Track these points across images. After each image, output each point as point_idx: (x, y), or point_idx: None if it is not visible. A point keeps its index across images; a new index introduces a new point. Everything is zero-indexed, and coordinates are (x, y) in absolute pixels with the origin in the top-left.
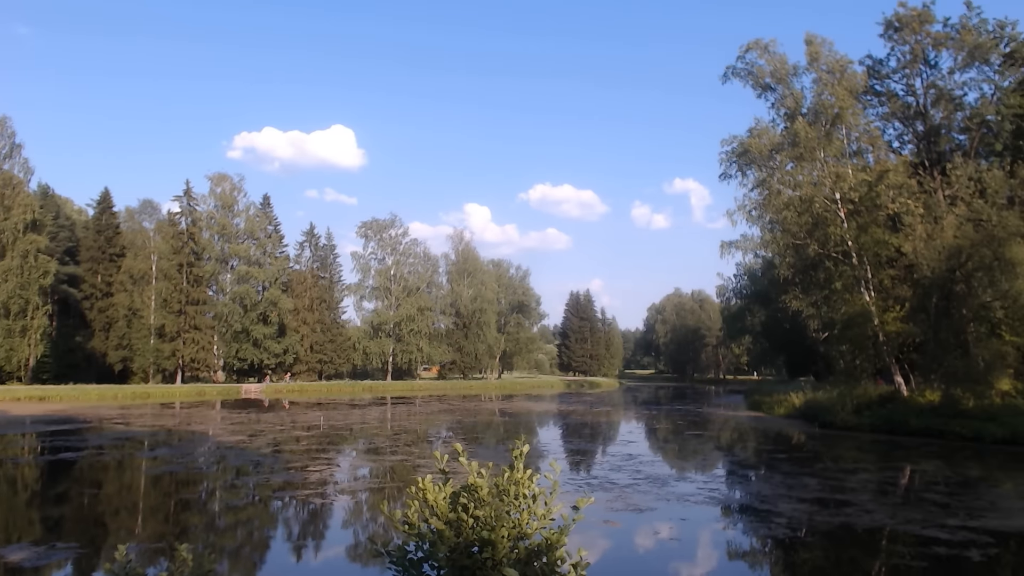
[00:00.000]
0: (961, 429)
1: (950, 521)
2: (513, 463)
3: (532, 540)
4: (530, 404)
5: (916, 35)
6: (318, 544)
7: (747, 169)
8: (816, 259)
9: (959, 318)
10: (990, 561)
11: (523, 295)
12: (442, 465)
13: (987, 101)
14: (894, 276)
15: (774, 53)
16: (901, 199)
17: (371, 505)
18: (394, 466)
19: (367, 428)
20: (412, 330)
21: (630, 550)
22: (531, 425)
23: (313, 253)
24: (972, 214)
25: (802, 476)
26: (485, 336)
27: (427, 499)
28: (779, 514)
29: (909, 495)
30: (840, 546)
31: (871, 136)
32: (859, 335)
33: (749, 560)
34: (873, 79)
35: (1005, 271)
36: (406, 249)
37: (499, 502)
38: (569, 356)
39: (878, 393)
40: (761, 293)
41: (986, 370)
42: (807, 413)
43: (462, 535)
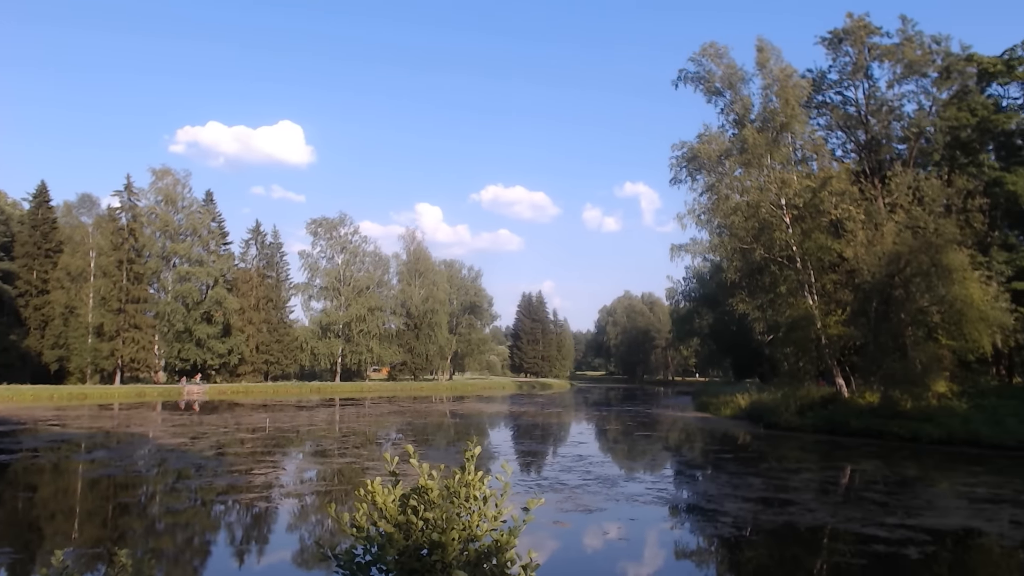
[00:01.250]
0: (899, 430)
1: (889, 520)
2: (464, 465)
3: (482, 542)
4: (481, 405)
5: (857, 47)
6: (262, 549)
7: (697, 174)
8: (762, 263)
9: (898, 322)
10: (927, 559)
11: (475, 296)
12: (392, 467)
13: (924, 113)
14: (836, 281)
15: (726, 59)
16: (843, 206)
17: (318, 508)
18: (342, 469)
19: (314, 430)
20: (362, 331)
21: (579, 551)
22: (482, 427)
23: (259, 251)
24: (911, 221)
25: (747, 476)
26: (436, 337)
27: (376, 502)
28: (725, 513)
29: (850, 494)
30: (783, 544)
31: (815, 144)
32: (802, 338)
33: (696, 559)
34: (816, 90)
35: (941, 277)
36: (356, 248)
37: (449, 504)
38: (521, 357)
39: (820, 395)
40: (709, 296)
41: (923, 373)
42: (752, 414)
43: (411, 538)
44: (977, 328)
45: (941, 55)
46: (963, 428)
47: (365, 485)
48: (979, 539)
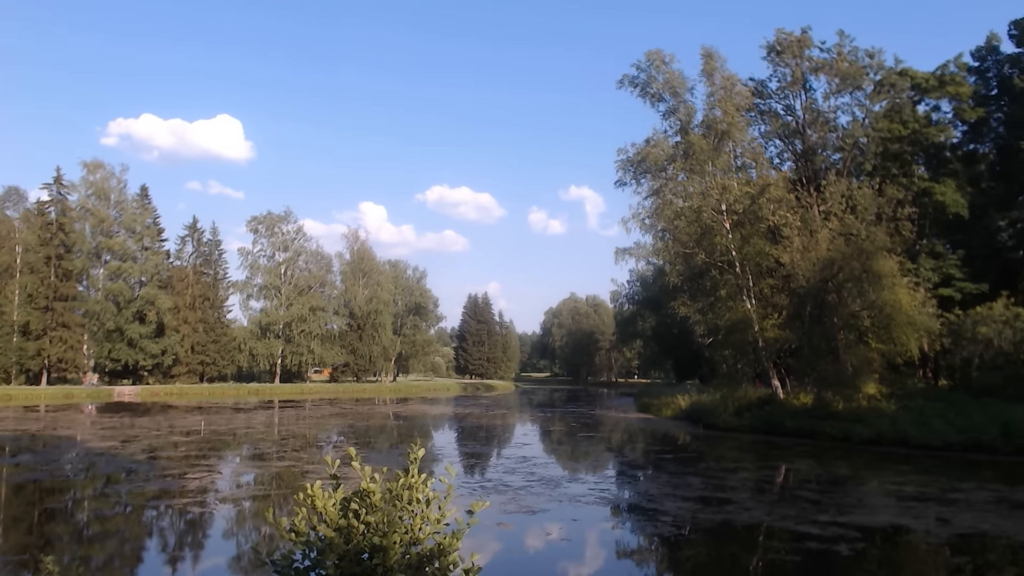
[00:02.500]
0: (832, 430)
1: (821, 517)
2: (408, 467)
3: (425, 545)
4: (425, 407)
5: (796, 59)
6: (197, 555)
7: (642, 178)
8: (703, 267)
9: (831, 326)
10: (857, 555)
11: (420, 297)
12: (333, 470)
13: (858, 124)
14: (773, 285)
15: (671, 66)
16: (780, 212)
17: (255, 513)
18: (281, 472)
19: (252, 433)
20: (303, 331)
21: (521, 552)
22: (426, 429)
23: (196, 248)
24: (844, 229)
25: (687, 475)
26: (380, 338)
27: (316, 505)
28: (665, 513)
29: (784, 493)
30: (721, 543)
31: (755, 152)
32: (741, 341)
33: (636, 558)
34: (756, 99)
35: (872, 283)
36: (299, 247)
37: (392, 507)
38: (466, 359)
39: (757, 396)
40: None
41: (854, 375)
42: (692, 415)
43: (352, 542)
44: (905, 332)
45: (876, 69)
46: (892, 428)
47: (305, 489)
48: (906, 536)
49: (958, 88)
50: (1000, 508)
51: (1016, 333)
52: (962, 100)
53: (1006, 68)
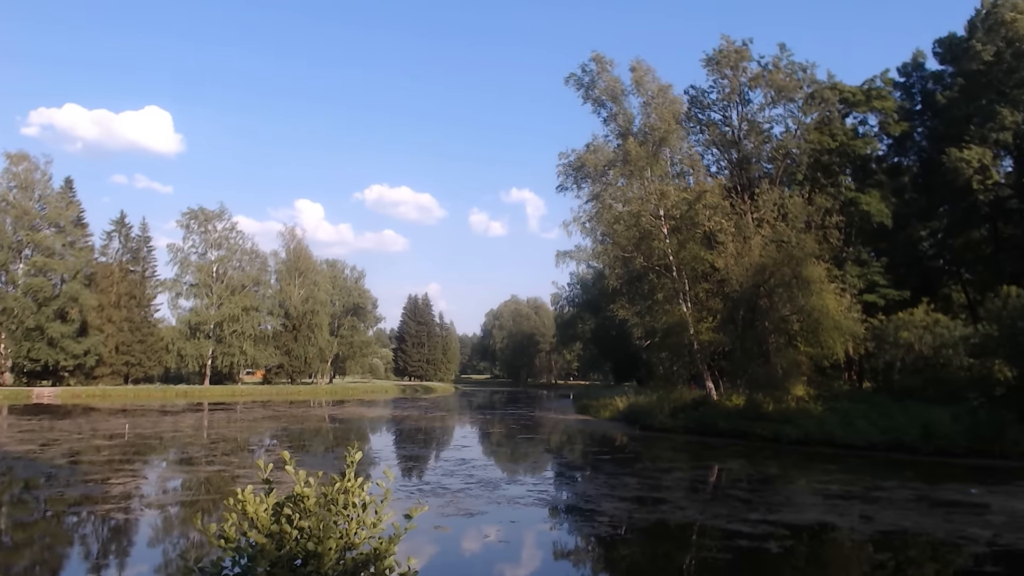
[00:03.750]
0: (762, 431)
1: (752, 516)
2: (344, 471)
3: (360, 550)
4: (363, 410)
5: (734, 71)
6: (121, 563)
7: (583, 182)
8: (642, 271)
9: (762, 329)
10: (786, 552)
11: (359, 297)
12: (265, 475)
13: (791, 135)
14: (708, 289)
15: (611, 72)
16: (716, 219)
17: (183, 520)
18: (210, 477)
19: (180, 436)
20: (235, 331)
21: (459, 555)
22: (363, 431)
23: (123, 245)
24: (775, 236)
25: (624, 476)
26: (316, 339)
27: (246, 511)
28: (602, 513)
29: (717, 492)
30: (656, 541)
31: (692, 159)
32: (677, 343)
33: (573, 559)
34: (696, 107)
35: (801, 288)
36: (233, 244)
37: (327, 512)
38: (405, 360)
39: (692, 397)
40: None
41: (784, 377)
42: (629, 416)
43: (285, 548)
44: (832, 336)
45: (808, 83)
46: (819, 429)
47: (235, 494)
48: (832, 533)
49: (884, 103)
50: (920, 506)
51: (935, 338)
52: (888, 114)
53: (930, 84)
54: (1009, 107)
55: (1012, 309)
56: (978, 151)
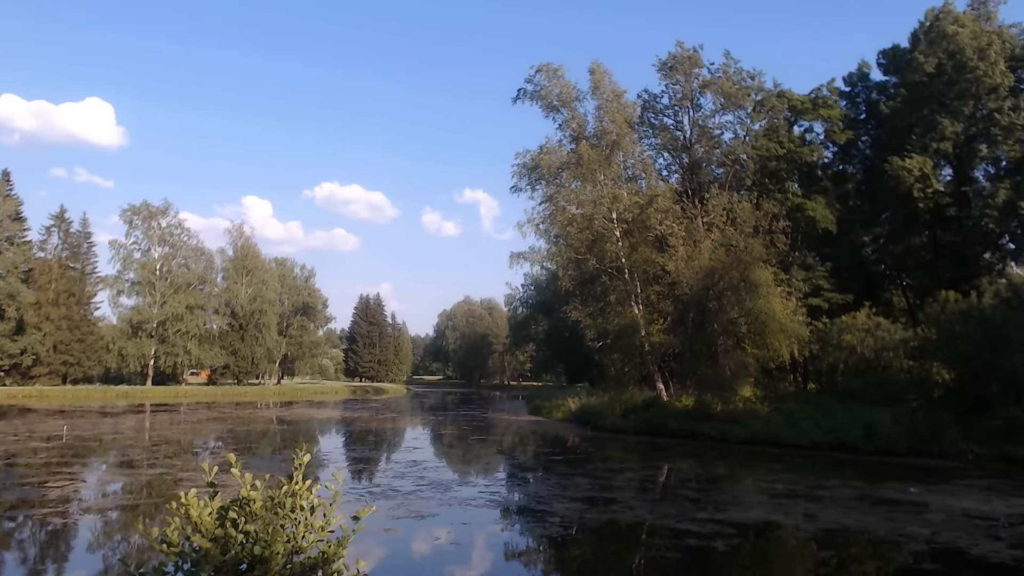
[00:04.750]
0: (710, 431)
1: (700, 515)
2: (291, 474)
3: (308, 554)
4: (312, 411)
5: (686, 77)
6: (60, 568)
7: (537, 184)
8: (594, 273)
9: (711, 332)
10: (733, 551)
11: (308, 296)
12: (210, 477)
13: (740, 141)
14: (659, 292)
15: (561, 78)
16: (667, 222)
17: (123, 524)
18: (152, 480)
19: (120, 438)
20: (179, 330)
21: (409, 557)
22: (312, 433)
23: (63, 240)
24: (724, 240)
25: (575, 476)
26: (264, 339)
27: (190, 515)
28: (553, 514)
29: (666, 492)
30: (606, 541)
31: (644, 163)
32: (628, 345)
33: (524, 560)
34: (649, 112)
35: (749, 291)
36: (178, 241)
37: (273, 516)
38: (356, 361)
39: (643, 398)
40: (546, 303)
41: (732, 378)
42: (581, 417)
43: (230, 552)
44: (778, 339)
45: (757, 90)
46: (765, 429)
47: (178, 497)
48: (777, 532)
49: (830, 111)
50: (862, 504)
51: (877, 341)
52: (833, 123)
53: (874, 94)
54: (949, 118)
55: (950, 314)
56: (919, 160)
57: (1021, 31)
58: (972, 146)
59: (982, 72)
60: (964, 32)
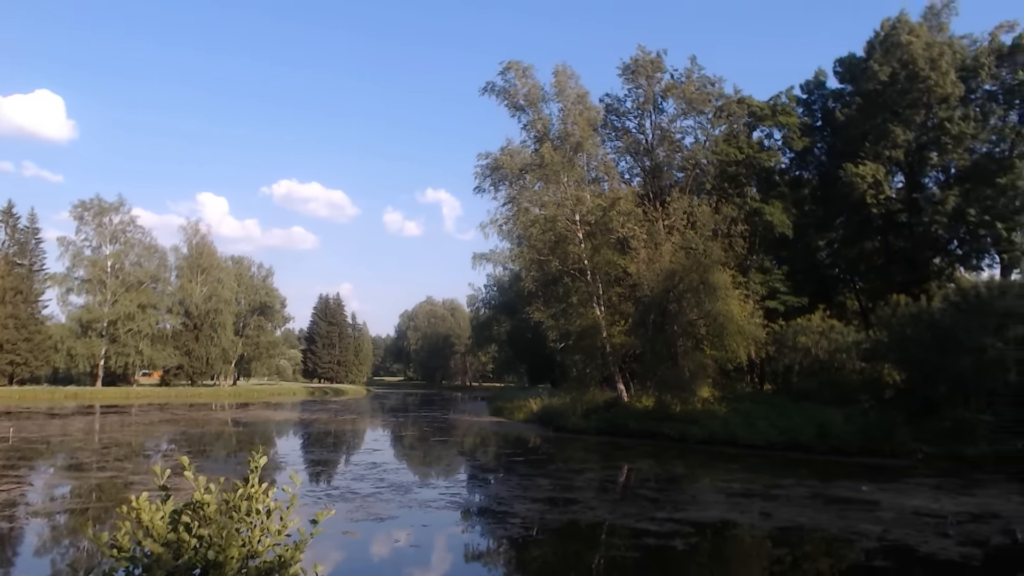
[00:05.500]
0: (670, 431)
1: (659, 514)
2: (247, 477)
3: (264, 558)
4: (269, 413)
5: (648, 81)
6: (6, 573)
7: (500, 185)
8: (557, 274)
9: (671, 333)
10: (691, 549)
11: (266, 296)
12: (162, 481)
13: (700, 146)
14: (621, 294)
15: (530, 78)
16: (629, 225)
17: (72, 529)
18: (102, 484)
19: (69, 441)
20: (131, 330)
21: (367, 560)
22: (269, 435)
23: (10, 236)
24: (685, 243)
25: (536, 477)
26: (219, 339)
27: (141, 519)
28: (514, 514)
29: (626, 492)
30: (567, 542)
31: (607, 166)
32: (590, 346)
33: (484, 561)
34: (612, 115)
35: (708, 294)
36: (131, 238)
37: (228, 520)
38: (315, 362)
39: (604, 399)
40: (508, 304)
41: (691, 379)
42: (543, 418)
43: (183, 557)
44: (736, 340)
45: (717, 96)
46: (723, 429)
47: (129, 501)
48: (734, 530)
49: (788, 118)
50: (816, 503)
51: (831, 343)
52: (791, 129)
53: (830, 102)
54: (902, 126)
55: (900, 317)
56: (872, 167)
57: (972, 42)
58: (923, 154)
59: (934, 82)
60: (918, 42)
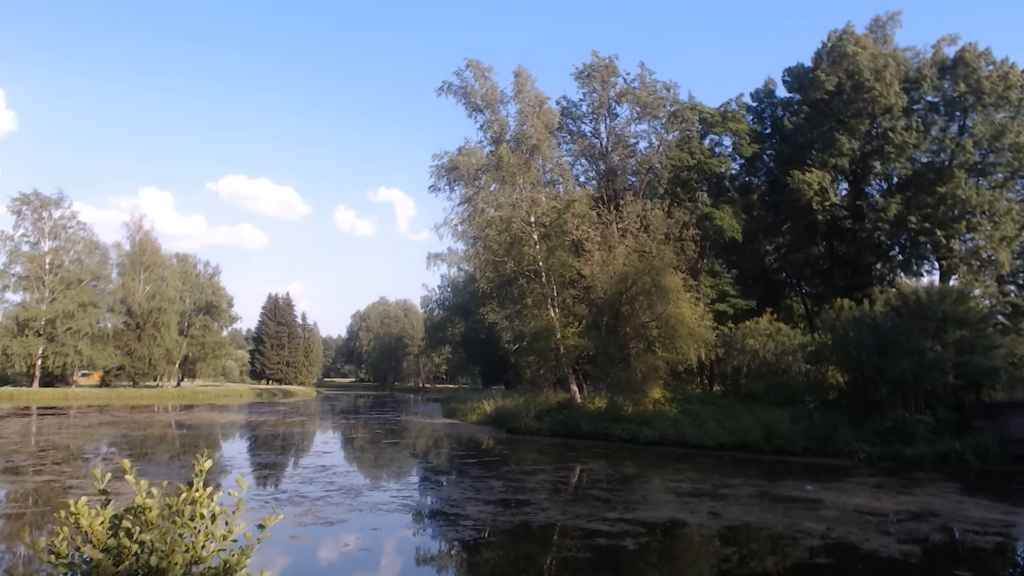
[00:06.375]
0: (622, 432)
1: (610, 514)
2: (192, 481)
3: (209, 564)
4: (214, 415)
5: (603, 86)
6: None
7: (456, 185)
8: (512, 276)
9: (624, 335)
10: (641, 549)
11: (212, 294)
12: (102, 485)
13: (654, 151)
14: (575, 296)
15: (489, 79)
16: (583, 227)
17: (8, 534)
18: (39, 488)
19: (3, 443)
20: (70, 329)
21: (315, 565)
22: (214, 438)
23: None
24: (638, 246)
25: (489, 479)
26: (163, 339)
27: (80, 524)
28: (467, 517)
29: (578, 493)
30: (518, 543)
31: (562, 169)
32: (544, 347)
33: (435, 564)
34: (568, 119)
35: (660, 296)
36: (72, 235)
37: (171, 524)
38: (263, 363)
39: (557, 400)
40: (463, 305)
41: (642, 381)
42: (497, 419)
43: (123, 563)
44: (687, 342)
45: (671, 102)
46: (673, 430)
47: (67, 506)
48: (683, 529)
49: (738, 125)
50: (762, 502)
51: (778, 346)
52: (741, 136)
53: (779, 111)
54: (847, 135)
55: (844, 320)
56: (818, 174)
57: (915, 54)
58: (867, 162)
59: (878, 92)
60: (863, 54)
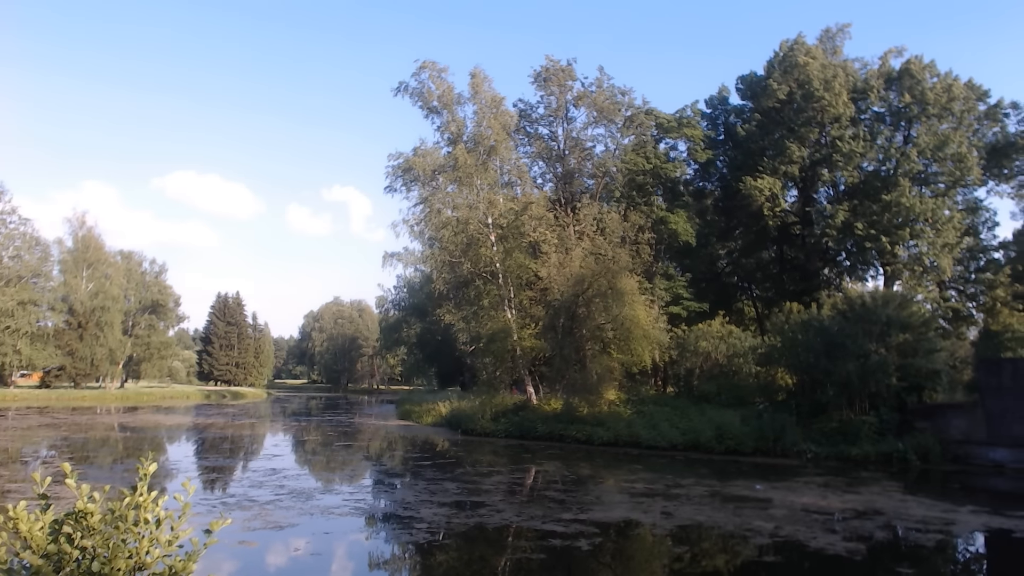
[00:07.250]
0: (577, 433)
1: (565, 515)
2: (136, 485)
3: (153, 570)
4: (159, 417)
5: (560, 89)
6: None
7: (412, 185)
8: (469, 277)
9: (580, 337)
10: (595, 549)
11: (158, 293)
12: (41, 489)
13: (610, 154)
14: (532, 297)
15: (444, 80)
16: (540, 229)
17: None
18: None
19: None
20: (8, 328)
21: (264, 570)
22: (159, 441)
23: None
24: (594, 248)
25: (444, 481)
26: (106, 338)
27: (19, 529)
28: (421, 519)
29: (533, 494)
30: (473, 545)
31: (520, 171)
32: (500, 349)
33: (388, 567)
34: (525, 121)
35: (616, 299)
36: (11, 230)
37: (114, 530)
38: (212, 364)
39: (513, 402)
40: (419, 306)
41: (598, 382)
42: (452, 421)
43: (64, 570)
44: (641, 344)
45: (627, 107)
46: (627, 431)
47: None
48: (637, 529)
49: (693, 131)
50: (714, 501)
51: (729, 348)
52: (696, 142)
53: (732, 118)
54: (797, 143)
55: (792, 324)
56: (769, 181)
57: (863, 65)
58: (816, 170)
59: (827, 102)
60: (814, 64)
